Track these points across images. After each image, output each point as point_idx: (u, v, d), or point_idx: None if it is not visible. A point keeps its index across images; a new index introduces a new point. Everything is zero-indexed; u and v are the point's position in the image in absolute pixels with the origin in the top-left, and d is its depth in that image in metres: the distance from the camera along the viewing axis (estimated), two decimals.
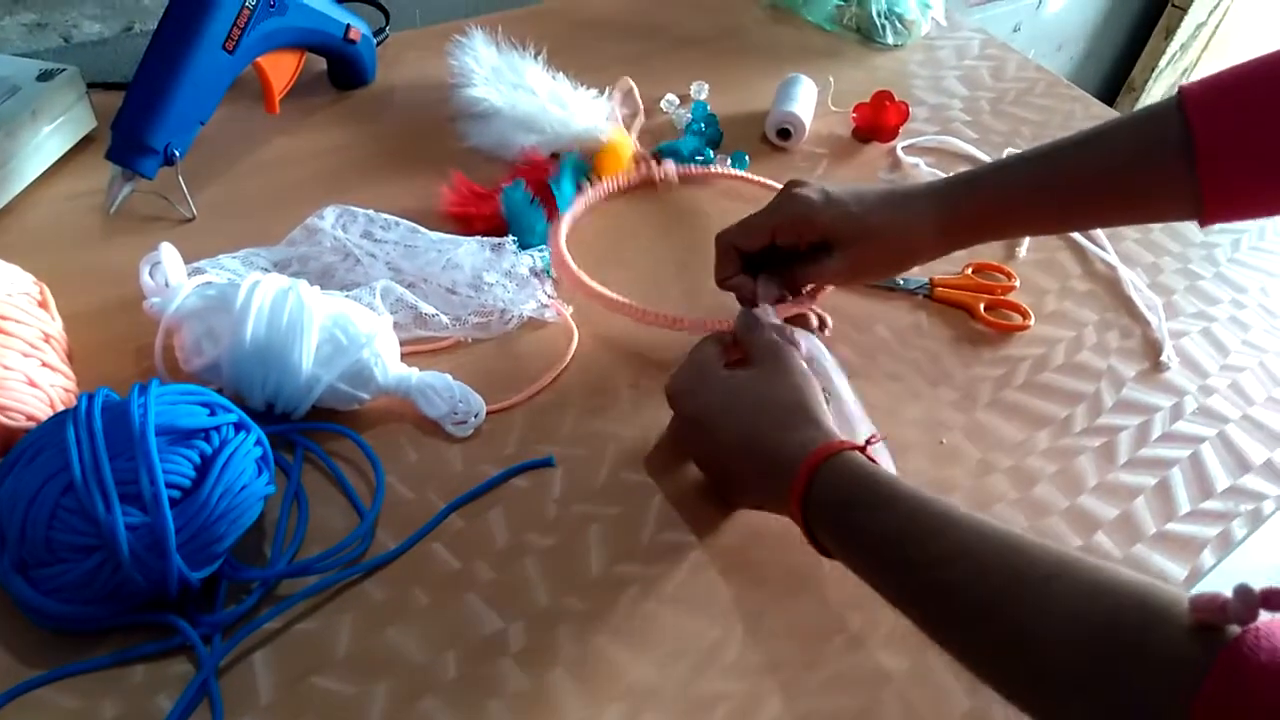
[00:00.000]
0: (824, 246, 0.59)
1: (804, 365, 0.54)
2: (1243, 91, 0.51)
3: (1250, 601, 0.32)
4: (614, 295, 0.64)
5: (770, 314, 0.59)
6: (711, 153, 0.82)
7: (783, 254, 0.61)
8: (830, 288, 0.66)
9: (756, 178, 0.80)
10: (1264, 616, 0.33)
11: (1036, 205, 0.58)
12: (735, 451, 0.52)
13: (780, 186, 0.76)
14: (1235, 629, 0.33)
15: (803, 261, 0.60)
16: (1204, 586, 0.57)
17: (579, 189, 0.74)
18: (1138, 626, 0.36)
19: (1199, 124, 0.50)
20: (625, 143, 0.79)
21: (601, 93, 0.82)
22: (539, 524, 0.55)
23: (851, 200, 0.58)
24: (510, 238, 0.67)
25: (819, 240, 0.59)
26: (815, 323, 0.64)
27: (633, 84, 0.87)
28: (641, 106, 0.86)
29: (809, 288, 0.64)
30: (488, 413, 0.59)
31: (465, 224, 0.71)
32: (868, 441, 0.50)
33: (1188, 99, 0.51)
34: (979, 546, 0.42)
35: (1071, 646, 0.37)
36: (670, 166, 0.79)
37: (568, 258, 0.66)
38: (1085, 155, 0.56)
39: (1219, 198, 0.51)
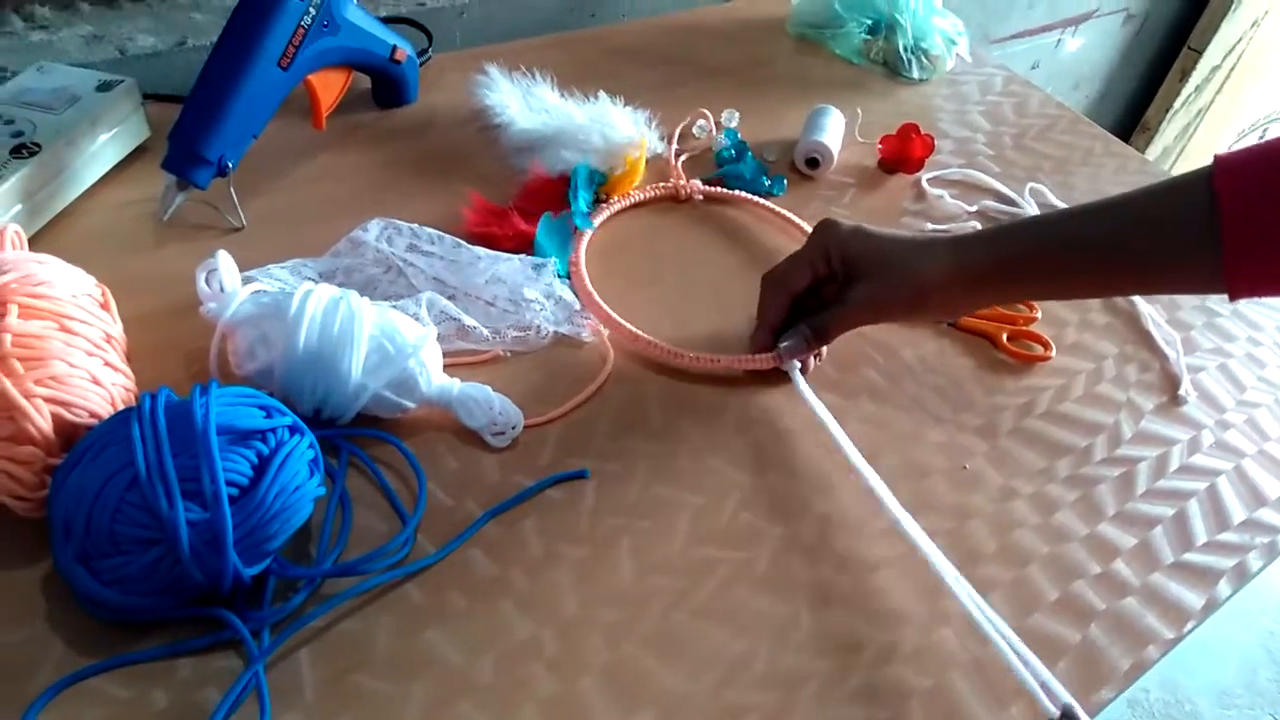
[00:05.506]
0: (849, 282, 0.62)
1: None
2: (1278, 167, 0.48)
3: None
4: (638, 331, 0.66)
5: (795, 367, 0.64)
6: (766, 179, 0.84)
7: (813, 303, 0.64)
8: None
9: (781, 210, 0.81)
10: None
11: (1051, 266, 0.57)
12: None
13: (799, 220, 0.79)
14: None
15: (832, 302, 0.63)
16: (1220, 616, 0.59)
17: (596, 199, 0.77)
18: None
19: (1227, 198, 0.49)
20: (641, 160, 0.81)
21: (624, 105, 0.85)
22: (572, 534, 0.56)
23: (879, 235, 0.62)
24: (553, 259, 0.69)
25: (844, 268, 0.62)
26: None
27: (709, 119, 0.90)
28: (713, 130, 0.90)
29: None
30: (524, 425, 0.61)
31: (489, 242, 0.71)
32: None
33: (1219, 169, 0.50)
34: None
35: None
36: (696, 183, 0.81)
37: (589, 285, 0.68)
38: (1104, 220, 0.55)
39: (1244, 274, 0.50)
